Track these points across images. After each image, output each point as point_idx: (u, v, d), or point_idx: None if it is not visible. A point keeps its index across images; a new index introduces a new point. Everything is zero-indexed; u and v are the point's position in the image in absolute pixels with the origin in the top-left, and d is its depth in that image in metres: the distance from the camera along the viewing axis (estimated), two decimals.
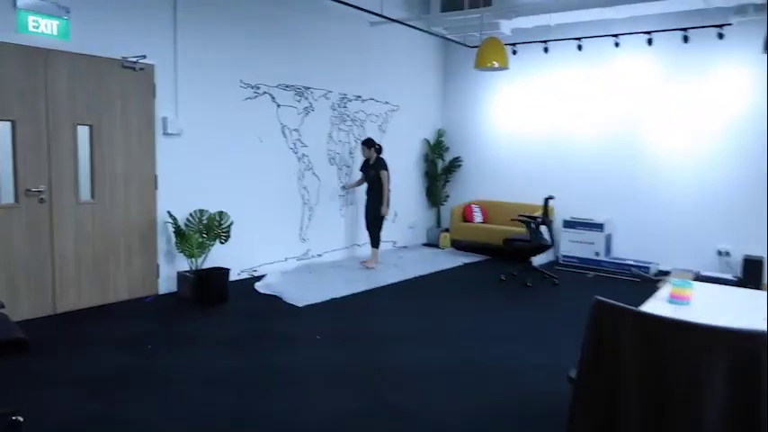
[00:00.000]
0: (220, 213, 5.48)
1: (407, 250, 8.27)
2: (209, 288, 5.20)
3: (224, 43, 5.85)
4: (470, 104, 8.85)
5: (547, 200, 6.40)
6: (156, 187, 5.37)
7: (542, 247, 6.48)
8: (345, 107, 7.38)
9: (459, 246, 8.47)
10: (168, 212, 5.34)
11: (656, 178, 7.32)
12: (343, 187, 7.29)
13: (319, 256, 7.18)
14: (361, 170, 7.13)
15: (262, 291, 5.71)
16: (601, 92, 7.62)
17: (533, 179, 8.26)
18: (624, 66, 7.41)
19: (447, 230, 8.64)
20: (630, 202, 7.53)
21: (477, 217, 8.44)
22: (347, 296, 5.66)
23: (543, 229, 6.54)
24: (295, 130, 6.71)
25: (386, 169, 6.86)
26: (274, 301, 5.42)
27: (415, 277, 6.64)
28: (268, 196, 6.45)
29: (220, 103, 5.86)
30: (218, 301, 5.19)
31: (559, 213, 7.75)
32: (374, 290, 5.98)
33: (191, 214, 5.49)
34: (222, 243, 5.49)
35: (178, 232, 5.30)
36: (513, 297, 5.90)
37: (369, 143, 6.93)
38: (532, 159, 8.28)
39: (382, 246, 7.82)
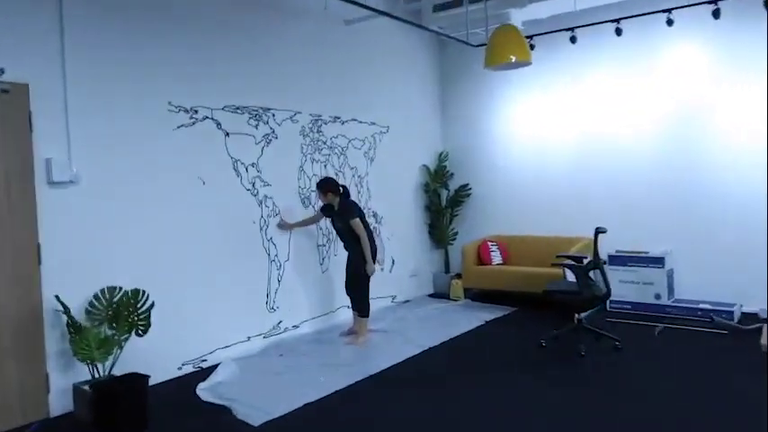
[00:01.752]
0: (135, 293, 3.77)
1: (411, 306, 6.54)
2: (119, 407, 3.45)
3: (141, 52, 4.23)
4: (477, 117, 7.22)
5: (597, 234, 4.70)
6: (39, 261, 3.68)
7: (597, 300, 4.76)
8: (320, 132, 5.75)
9: (475, 295, 6.74)
10: (56, 297, 3.64)
11: (727, 194, 5.64)
12: (280, 225, 5.30)
13: (295, 327, 5.44)
14: (322, 210, 5.39)
15: (205, 397, 3.94)
16: (649, 88, 5.97)
17: (564, 205, 6.60)
18: (681, 51, 5.78)
19: (459, 276, 6.93)
20: (694, 226, 5.84)
21: (496, 257, 6.74)
22: (330, 397, 3.91)
23: (593, 273, 4.83)
24: (252, 165, 5.06)
25: (357, 215, 5.09)
26: (219, 416, 3.65)
27: (425, 351, 4.89)
28: (219, 256, 4.75)
29: (139, 135, 4.21)
30: (133, 427, 3.44)
31: (602, 246, 6.05)
32: (369, 381, 4.22)
33: (95, 296, 3.78)
34: (140, 335, 3.76)
35: (72, 325, 3.59)
36: (568, 378, 4.14)
37: (325, 186, 5.14)
38: (562, 180, 6.61)
39: (379, 303, 6.12)
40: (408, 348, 4.91)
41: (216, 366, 4.53)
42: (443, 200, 7.28)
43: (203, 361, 4.61)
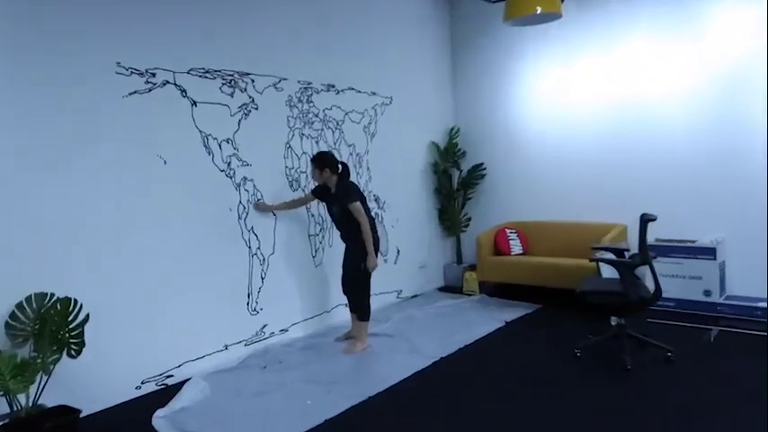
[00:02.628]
0: (66, 302, 2.97)
1: (419, 302, 5.73)
2: None
3: None
4: (494, 87, 6.33)
5: (645, 222, 3.84)
6: None
7: (645, 302, 3.91)
8: (310, 102, 4.90)
9: (491, 290, 5.92)
10: None
11: None
12: (258, 207, 4.43)
13: (283, 332, 4.65)
14: (314, 193, 4.58)
15: (161, 429, 3.16)
16: (698, 49, 5.03)
17: (593, 186, 5.74)
18: (738, 6, 4.84)
19: (473, 268, 6.12)
20: (750, 210, 4.93)
21: (515, 246, 5.90)
22: (318, 429, 3.12)
23: (637, 271, 3.99)
24: (227, 140, 4.23)
25: (357, 198, 4.25)
26: None
27: (436, 362, 4.08)
28: (188, 251, 3.95)
29: (76, 102, 3.39)
30: None
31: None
32: (367, 405, 3.43)
33: (19, 306, 2.99)
34: (73, 356, 2.98)
35: None
36: (613, 400, 3.32)
37: (321, 161, 4.32)
38: (591, 157, 5.73)
39: (383, 299, 5.34)
40: (416, 359, 4.11)
41: (184, 383, 3.75)
42: (455, 181, 6.44)
43: (168, 377, 3.83)
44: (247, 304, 4.37)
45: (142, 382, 3.67)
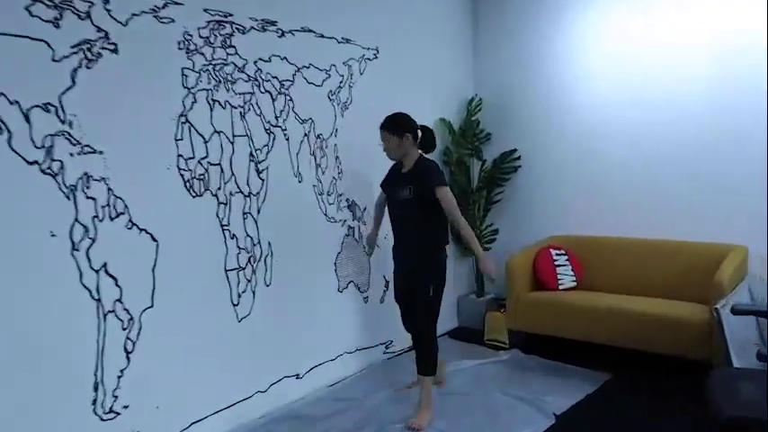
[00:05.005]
0: None
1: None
2: None
3: None
4: (532, 42, 4.30)
5: None
6: None
7: None
8: (230, 47, 2.93)
9: (527, 341, 3.91)
10: None
11: None
12: (370, 248, 3.40)
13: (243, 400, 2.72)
14: (383, 186, 3.20)
15: None
16: None
17: (693, 183, 3.70)
18: None
19: (499, 303, 4.16)
20: None
21: (566, 277, 3.90)
22: None
23: None
24: (45, 107, 2.28)
25: (445, 183, 2.92)
26: None
27: None
28: None
29: None
30: None
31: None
32: None
33: None
34: None
35: None
36: None
37: (396, 124, 2.99)
38: (687, 140, 3.70)
39: (361, 357, 3.44)
40: None
41: None
42: (474, 177, 4.44)
43: None
44: (94, 401, 2.44)
45: None
